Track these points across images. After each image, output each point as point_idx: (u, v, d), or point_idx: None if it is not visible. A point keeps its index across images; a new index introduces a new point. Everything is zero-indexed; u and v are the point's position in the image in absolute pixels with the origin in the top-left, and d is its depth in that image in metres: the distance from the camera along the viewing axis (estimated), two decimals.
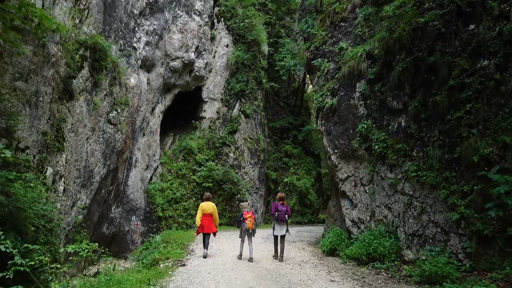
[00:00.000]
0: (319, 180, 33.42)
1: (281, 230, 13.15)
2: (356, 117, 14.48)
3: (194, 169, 23.87)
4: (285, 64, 30.34)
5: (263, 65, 28.94)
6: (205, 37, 25.79)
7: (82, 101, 16.03)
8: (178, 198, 22.48)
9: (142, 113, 21.42)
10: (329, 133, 15.56)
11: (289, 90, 36.52)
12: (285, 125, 32.65)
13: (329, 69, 16.30)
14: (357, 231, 13.94)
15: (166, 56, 23.41)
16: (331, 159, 15.37)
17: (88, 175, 16.51)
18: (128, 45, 20.37)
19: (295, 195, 28.84)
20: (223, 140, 25.47)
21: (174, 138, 25.40)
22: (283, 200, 13.52)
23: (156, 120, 23.32)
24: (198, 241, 16.36)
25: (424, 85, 11.93)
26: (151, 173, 22.60)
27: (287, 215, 13.20)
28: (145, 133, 22.27)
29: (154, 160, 22.89)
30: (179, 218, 22.18)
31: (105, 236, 19.15)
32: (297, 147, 32.03)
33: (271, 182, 29.20)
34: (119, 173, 19.35)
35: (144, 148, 22.00)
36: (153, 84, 22.58)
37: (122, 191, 20.13)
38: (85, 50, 16.26)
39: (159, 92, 23.43)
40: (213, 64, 26.60)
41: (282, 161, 30.79)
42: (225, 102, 26.39)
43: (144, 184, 21.69)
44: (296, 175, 29.76)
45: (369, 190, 13.61)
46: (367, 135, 13.68)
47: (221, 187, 23.98)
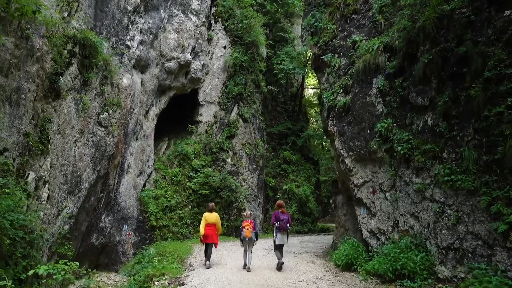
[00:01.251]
0: (317, 187, 31.84)
1: (284, 239, 12.62)
2: (374, 115, 12.95)
3: (190, 176, 22.20)
4: (283, 68, 28.86)
5: (262, 68, 27.42)
6: (202, 37, 24.27)
7: (69, 100, 14.56)
8: (173, 206, 20.81)
9: (135, 115, 19.84)
10: (342, 134, 14.00)
11: (287, 95, 34.96)
12: (284, 131, 31.04)
13: (341, 65, 14.78)
14: (376, 243, 12.33)
15: (161, 56, 21.88)
16: (345, 162, 13.81)
17: (76, 181, 14.96)
18: (121, 43, 18.87)
19: (295, 203, 27.22)
20: (220, 145, 23.84)
21: (169, 143, 23.72)
22: (282, 208, 12.86)
23: (150, 123, 21.70)
24: (196, 254, 14.74)
25: (453, 78, 10.44)
26: (144, 180, 20.95)
27: (289, 223, 12.61)
28: (139, 137, 20.68)
29: (147, 166, 21.25)
30: (174, 227, 20.48)
31: (94, 247, 17.55)
32: (296, 153, 30.44)
33: (270, 189, 27.57)
34: (110, 179, 17.81)
35: (137, 153, 20.38)
36: (147, 85, 21.01)
37: (113, 199, 18.56)
38: (74, 46, 14.84)
39: (154, 94, 21.85)
40: (210, 66, 25.04)
41: (281, 167, 29.16)
42: (223, 105, 24.78)
43: (137, 191, 20.06)
44: (295, 182, 28.14)
45: (391, 197, 12.04)
46: (388, 135, 12.13)
47: (218, 195, 22.32)
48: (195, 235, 21.01)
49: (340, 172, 15.44)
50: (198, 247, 16.54)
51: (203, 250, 14.80)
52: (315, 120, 42.32)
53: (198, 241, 18.93)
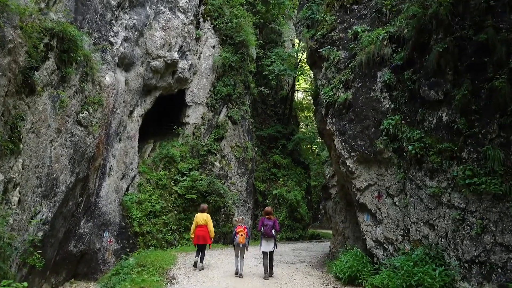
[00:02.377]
0: (308, 192, 30.47)
1: (268, 246, 12.02)
2: (379, 112, 11.61)
3: (176, 179, 20.63)
4: (274, 69, 27.49)
5: (251, 69, 26.00)
6: (189, 36, 22.81)
7: (46, 97, 13.12)
8: (157, 211, 19.21)
9: (118, 115, 18.27)
10: (343, 133, 12.59)
11: (277, 98, 33.51)
12: (274, 134, 29.58)
13: (340, 58, 13.39)
14: (383, 254, 10.90)
15: (147, 54, 20.38)
16: (346, 164, 12.37)
17: (52, 184, 13.43)
18: (103, 39, 17.37)
19: (285, 209, 25.77)
20: (208, 148, 22.31)
21: (154, 145, 22.12)
22: (269, 215, 12.39)
23: (134, 124, 20.13)
24: (180, 265, 13.17)
25: (472, 69, 9.15)
26: (127, 183, 19.34)
27: (275, 229, 12.01)
28: (122, 138, 19.09)
29: (131, 169, 19.64)
30: (158, 233, 18.88)
31: (72, 255, 15.95)
32: (286, 157, 29.00)
33: (259, 194, 26.08)
34: (90, 182, 16.27)
35: (120, 155, 18.79)
36: (131, 84, 19.48)
37: (93, 203, 16.95)
38: (51, 39, 13.42)
39: (139, 94, 20.31)
40: (198, 65, 23.55)
41: (271, 171, 27.67)
42: (211, 106, 23.27)
43: (119, 196, 18.45)
44: (286, 187, 26.70)
45: (400, 202, 10.64)
46: (396, 134, 10.78)
47: (205, 199, 20.75)
48: (180, 242, 19.46)
49: (339, 175, 14.02)
50: (183, 256, 15.02)
51: (188, 260, 13.43)
52: (305, 124, 41.09)
53: (182, 249, 17.42)
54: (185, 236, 19.82)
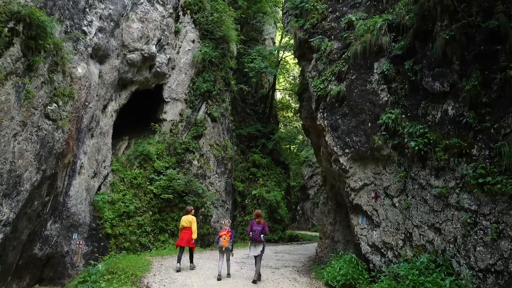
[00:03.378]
0: (287, 193, 29.48)
1: (256, 250, 11.84)
2: (376, 105, 10.63)
3: (151, 178, 19.28)
4: (255, 66, 26.40)
5: (232, 66, 24.84)
6: (168, 29, 21.52)
7: (9, 86, 11.82)
8: (131, 212, 17.83)
9: (91, 110, 16.88)
10: (335, 129, 11.56)
11: (257, 96, 32.41)
12: (253, 133, 28.46)
13: (332, 49, 12.37)
14: (381, 260, 9.89)
15: (123, 47, 19.03)
16: (339, 161, 11.31)
17: (14, 182, 12.04)
18: (76, 28, 15.95)
19: (264, 209, 24.66)
20: (186, 146, 21.04)
21: (129, 142, 20.68)
22: (259, 218, 12.05)
23: (108, 120, 18.71)
24: (155, 271, 11.84)
25: (481, 58, 8.23)
26: (99, 182, 17.90)
27: (263, 234, 11.77)
28: (94, 134, 17.67)
29: (104, 167, 18.21)
30: (132, 235, 17.51)
31: (37, 259, 14.54)
32: (266, 156, 27.93)
33: (238, 194, 24.91)
34: (58, 180, 14.86)
35: (92, 152, 17.37)
36: (106, 77, 18.08)
37: (61, 203, 15.53)
38: (16, 23, 12.10)
39: (113, 88, 18.90)
40: (177, 60, 22.24)
41: (250, 171, 26.54)
42: (190, 103, 21.98)
43: (90, 195, 17.02)
44: (266, 187, 25.63)
45: (401, 204, 9.66)
46: (396, 129, 9.81)
47: (182, 199, 19.53)
48: (155, 245, 18.15)
49: (330, 174, 12.97)
50: (158, 261, 13.74)
51: (163, 265, 12.25)
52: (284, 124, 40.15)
53: (158, 253, 16.13)
54: (161, 238, 18.52)
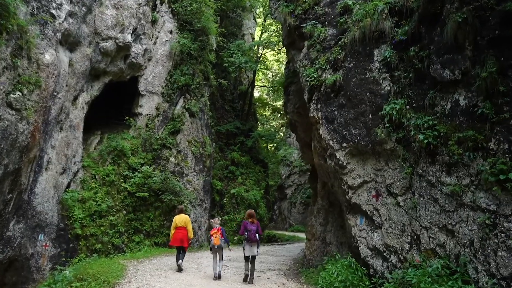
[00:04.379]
0: (266, 192, 28.43)
1: (252, 251, 11.57)
2: (378, 95, 9.69)
3: (125, 175, 17.91)
4: (235, 61, 25.23)
5: (211, 59, 23.64)
6: (145, 18, 20.17)
7: None
8: (103, 211, 16.45)
9: (59, 101, 15.46)
10: (331, 121, 10.53)
11: (235, 93, 31.22)
12: (232, 130, 27.26)
13: (327, 36, 11.38)
14: (383, 265, 8.91)
15: (96, 34, 17.64)
16: (335, 157, 10.29)
17: None
18: (44, 10, 14.58)
19: (243, 209, 23.53)
20: (162, 142, 19.74)
21: (102, 137, 19.21)
22: (252, 218, 11.78)
23: (79, 112, 17.26)
24: (130, 277, 10.47)
25: (496, 43, 7.35)
26: (69, 179, 16.44)
27: (258, 233, 11.56)
28: (63, 127, 16.24)
29: (73, 163, 16.77)
30: (104, 236, 16.15)
31: None
32: (245, 154, 26.77)
33: (216, 193, 23.71)
34: (22, 176, 13.42)
35: (61, 146, 15.93)
36: (77, 66, 16.66)
37: (26, 202, 14.11)
38: None
39: (85, 78, 17.46)
40: (154, 51, 20.90)
41: (229, 169, 25.35)
42: (167, 97, 20.68)
43: (59, 193, 15.58)
44: (245, 186, 24.51)
45: (406, 203, 8.72)
46: (400, 120, 8.91)
47: (158, 198, 18.26)
48: (129, 246, 16.83)
49: (322, 171, 11.91)
50: (133, 265, 12.48)
51: (140, 270, 11.00)
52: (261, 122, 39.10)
53: (132, 256, 14.81)
54: (135, 239, 17.19)
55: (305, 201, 38.05)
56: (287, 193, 40.47)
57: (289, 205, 39.98)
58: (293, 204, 39.61)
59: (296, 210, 39.32)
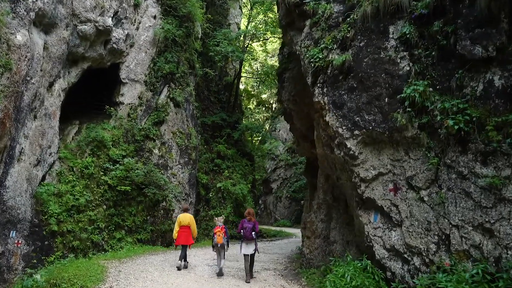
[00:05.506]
0: (253, 186, 27.37)
1: (248, 249, 11.27)
2: (395, 77, 8.65)
3: (106, 168, 16.57)
4: (221, 50, 23.99)
5: (197, 47, 22.36)
6: (127, 1, 18.75)
7: None
8: (82, 205, 15.11)
9: (33, 86, 14.05)
10: (340, 106, 9.41)
11: (221, 84, 29.95)
12: (218, 122, 26.04)
13: (332, 13, 10.25)
14: (403, 268, 7.85)
15: (74, 16, 16.20)
16: (345, 146, 9.18)
17: None
18: None
19: (230, 203, 22.48)
20: (145, 133, 18.44)
21: (80, 127, 17.76)
22: (251, 216, 11.53)
23: (55, 99, 15.83)
24: (112, 281, 9.18)
25: None
26: (44, 171, 15.02)
27: (254, 231, 11.25)
28: (38, 115, 14.81)
29: (49, 154, 15.36)
30: (83, 233, 14.84)
31: None
32: (231, 147, 25.64)
33: (202, 187, 22.53)
34: None
35: (35, 136, 14.52)
36: (52, 50, 15.22)
37: None
38: None
39: (62, 63, 16.03)
40: (136, 37, 19.51)
41: (214, 162, 24.17)
42: (150, 85, 19.35)
43: (32, 186, 14.18)
44: (231, 179, 23.38)
45: (432, 198, 7.68)
46: (423, 104, 7.86)
47: (141, 192, 17.00)
48: (110, 243, 15.55)
49: (327, 162, 10.69)
50: (115, 266, 11.18)
51: (122, 272, 9.82)
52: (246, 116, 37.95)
53: (114, 255, 13.55)
54: (116, 235, 15.89)
55: (291, 195, 37.15)
56: (272, 187, 39.50)
57: (274, 200, 39.04)
58: (278, 198, 38.67)
59: (282, 204, 38.38)
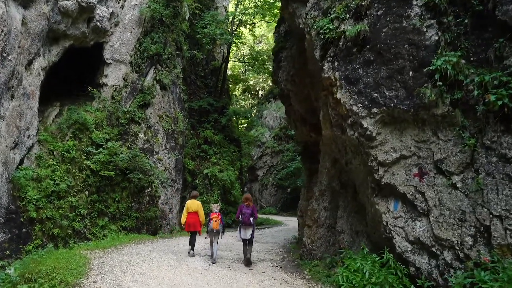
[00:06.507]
0: (241, 173, 26.63)
1: (246, 234, 11.38)
2: (421, 47, 7.79)
3: (88, 152, 15.57)
4: (209, 32, 22.96)
5: (184, 29, 21.33)
6: None
7: None
8: (62, 191, 14.14)
9: (10, 64, 12.94)
10: (354, 82, 8.56)
11: (208, 68, 28.93)
12: (205, 107, 25.07)
13: None
14: (430, 263, 7.09)
15: None
16: (361, 126, 8.32)
17: None
18: None
19: (217, 190, 21.71)
20: (130, 115, 17.46)
21: (62, 109, 16.66)
22: (249, 201, 11.56)
23: (34, 79, 14.74)
24: (96, 275, 8.26)
25: None
26: (22, 155, 13.95)
27: (253, 217, 11.33)
28: (15, 95, 13.71)
29: (27, 136, 14.31)
30: (63, 220, 13.91)
31: None
32: (218, 133, 24.78)
33: (188, 173, 21.69)
34: None
35: (12, 116, 13.44)
36: (31, 26, 14.10)
37: None
38: None
39: (41, 41, 14.91)
40: (121, 16, 18.37)
41: (201, 148, 23.30)
42: (135, 66, 18.31)
43: (9, 170, 13.14)
44: (218, 166, 22.58)
45: (466, 184, 6.93)
46: (457, 78, 7.05)
47: (126, 178, 16.10)
48: (93, 231, 14.68)
49: (336, 144, 9.62)
50: (99, 257, 10.20)
51: (107, 264, 8.97)
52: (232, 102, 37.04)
53: (97, 245, 12.63)
54: (99, 223, 14.99)
55: (277, 183, 36.59)
56: (258, 174, 38.91)
57: (260, 187, 38.46)
58: (264, 186, 38.09)
59: (267, 192, 37.83)
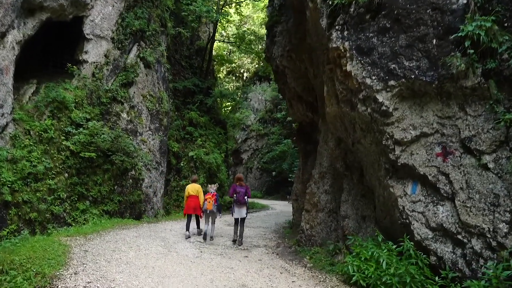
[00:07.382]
0: (226, 155, 25.88)
1: (241, 213, 11.73)
2: (446, 12, 6.84)
3: (68, 132, 14.55)
4: (195, 9, 21.86)
5: (169, 4, 20.23)
6: None
7: None
8: (40, 173, 13.17)
9: None
10: (367, 52, 7.66)
11: (193, 48, 27.81)
12: (190, 87, 24.06)
13: None
14: (455, 252, 6.43)
15: None
16: (375, 100, 7.44)
17: None
18: None
19: (203, 173, 20.94)
20: (113, 94, 16.42)
21: (39, 86, 15.49)
22: (241, 181, 11.90)
23: (7, 53, 13.58)
24: (77, 265, 7.33)
25: None
26: None
27: (247, 196, 11.69)
28: None
29: (1, 114, 13.22)
30: (41, 204, 12.98)
31: None
32: (204, 115, 23.87)
33: (172, 155, 20.82)
34: None
35: None
36: None
37: None
38: None
39: (16, 12, 13.72)
40: None
41: (186, 130, 22.37)
42: (118, 43, 17.17)
43: None
44: (204, 148, 21.77)
45: (499, 165, 6.22)
46: (489, 46, 6.28)
47: (108, 159, 15.18)
48: (73, 215, 13.80)
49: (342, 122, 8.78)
50: (80, 245, 9.30)
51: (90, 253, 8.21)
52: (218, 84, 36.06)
53: (78, 231, 11.78)
54: (79, 206, 14.10)
55: (262, 166, 35.98)
56: (243, 158, 38.24)
57: (245, 171, 37.80)
58: (249, 169, 37.46)
59: (252, 175, 37.21)
